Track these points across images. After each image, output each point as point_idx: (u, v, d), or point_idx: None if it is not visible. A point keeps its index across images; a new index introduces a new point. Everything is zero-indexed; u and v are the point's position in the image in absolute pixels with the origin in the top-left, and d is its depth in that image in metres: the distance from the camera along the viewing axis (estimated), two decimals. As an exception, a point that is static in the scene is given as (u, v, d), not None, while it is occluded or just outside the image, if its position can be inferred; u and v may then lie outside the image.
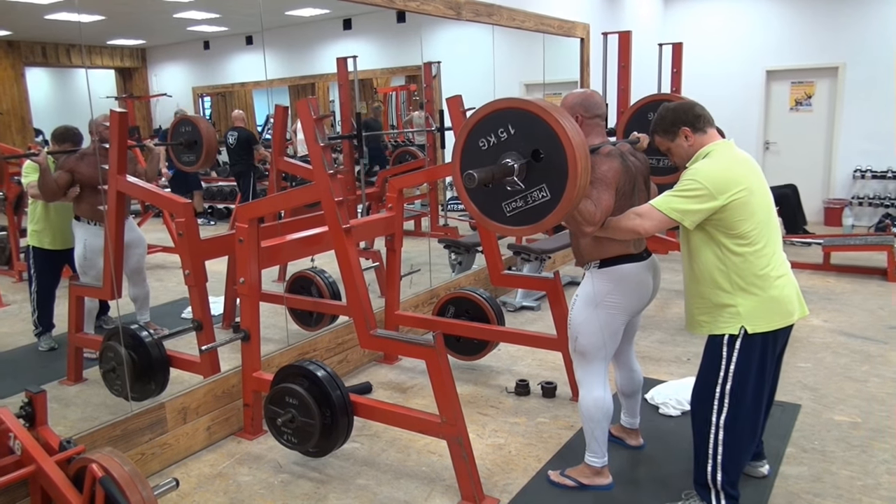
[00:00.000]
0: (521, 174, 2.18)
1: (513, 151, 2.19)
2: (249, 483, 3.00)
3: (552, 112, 2.11)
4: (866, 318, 4.89)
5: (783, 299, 2.41)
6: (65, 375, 3.85)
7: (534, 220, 2.22)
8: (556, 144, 2.10)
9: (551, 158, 2.12)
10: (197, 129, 4.23)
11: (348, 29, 7.09)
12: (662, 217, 2.36)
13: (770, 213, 2.44)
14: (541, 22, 5.99)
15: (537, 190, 2.17)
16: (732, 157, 2.42)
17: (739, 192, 2.31)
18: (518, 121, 2.17)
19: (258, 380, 3.30)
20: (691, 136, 2.46)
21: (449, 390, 2.71)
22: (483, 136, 2.23)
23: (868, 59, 7.84)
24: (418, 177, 4.92)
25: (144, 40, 6.08)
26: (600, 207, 2.41)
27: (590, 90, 2.78)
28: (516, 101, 2.18)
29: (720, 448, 2.45)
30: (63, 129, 4.02)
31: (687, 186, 2.34)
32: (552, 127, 2.10)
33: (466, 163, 2.28)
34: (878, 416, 3.40)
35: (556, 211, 2.16)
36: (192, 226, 3.42)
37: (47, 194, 3.84)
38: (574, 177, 2.09)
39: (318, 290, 4.54)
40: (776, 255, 2.44)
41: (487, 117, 2.22)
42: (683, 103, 2.52)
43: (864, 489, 2.77)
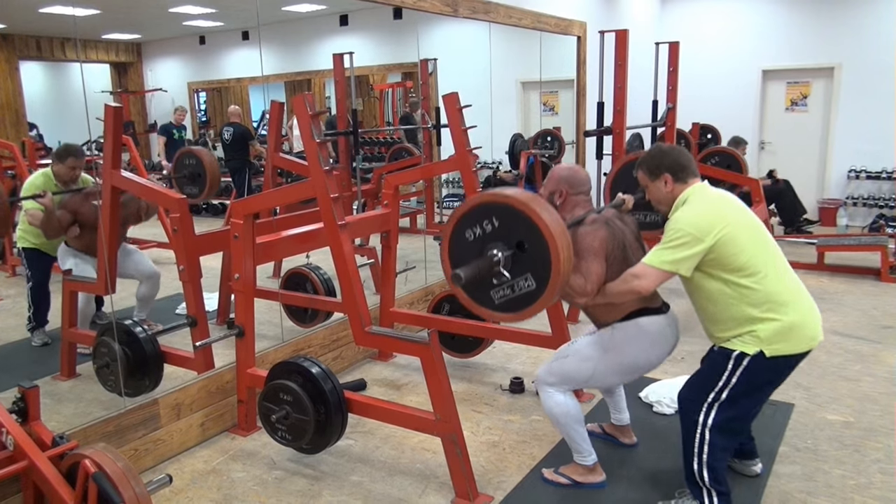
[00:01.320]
0: (507, 265, 2.25)
1: (498, 242, 2.26)
2: (243, 479, 3.00)
3: (533, 206, 2.18)
4: (860, 318, 4.90)
5: (804, 324, 2.41)
6: (58, 371, 3.84)
7: (521, 308, 2.29)
8: (539, 238, 2.18)
9: (534, 250, 2.20)
10: (200, 163, 4.27)
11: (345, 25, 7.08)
12: (658, 272, 2.42)
13: (761, 240, 2.46)
14: (538, 19, 5.99)
15: (523, 279, 2.25)
16: (709, 198, 2.49)
17: (723, 229, 2.36)
18: (501, 214, 2.24)
19: (252, 376, 3.30)
20: (671, 184, 2.53)
21: (443, 387, 2.71)
22: (469, 227, 2.31)
23: (864, 59, 7.86)
24: (414, 174, 4.92)
25: (140, 35, 6.05)
26: (590, 279, 2.48)
27: (576, 166, 2.90)
28: (499, 195, 2.25)
29: (706, 447, 2.46)
30: (63, 146, 4.04)
31: (672, 237, 2.40)
32: (534, 221, 2.18)
33: (454, 252, 2.35)
34: (871, 415, 3.42)
35: (542, 300, 2.24)
36: (186, 221, 3.41)
37: (49, 234, 3.86)
38: (557, 268, 2.17)
39: (313, 286, 4.53)
40: (784, 277, 2.45)
41: (473, 210, 2.30)
42: (673, 150, 2.59)
43: (857, 488, 2.78)
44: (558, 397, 2.73)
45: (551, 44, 6.70)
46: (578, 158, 7.11)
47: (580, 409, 2.77)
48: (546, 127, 7.41)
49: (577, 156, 7.12)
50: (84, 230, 3.96)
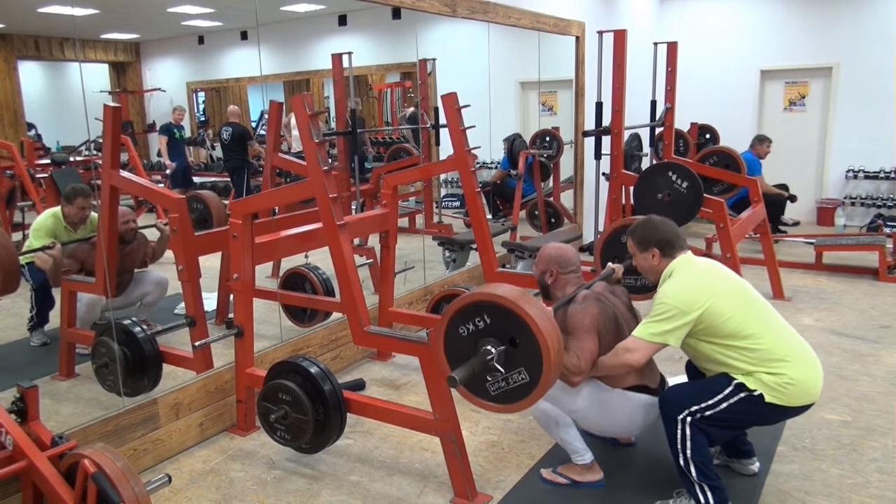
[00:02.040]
0: (501, 360, 2.29)
1: (491, 338, 2.30)
2: (242, 479, 3.00)
3: (522, 305, 2.22)
4: (857, 318, 4.91)
5: (806, 380, 2.45)
6: (57, 371, 3.84)
7: (516, 400, 2.33)
8: (529, 335, 2.22)
9: (526, 345, 2.24)
10: (207, 208, 4.36)
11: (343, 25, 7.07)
12: (648, 344, 2.49)
13: (749, 304, 2.52)
14: (536, 20, 5.99)
15: (516, 373, 2.29)
16: (693, 271, 2.57)
17: (707, 300, 2.44)
18: (492, 312, 2.28)
19: (251, 376, 3.30)
20: (658, 258, 2.63)
21: (442, 388, 2.72)
22: (462, 324, 2.35)
23: (861, 59, 7.87)
24: (413, 174, 4.92)
25: (138, 34, 6.05)
26: (583, 357, 2.54)
27: (565, 246, 2.95)
28: (489, 294, 2.29)
29: (688, 443, 2.48)
30: (71, 188, 4.05)
31: (659, 311, 2.48)
32: (524, 319, 2.22)
33: (449, 347, 2.39)
34: (869, 414, 3.43)
35: (536, 392, 2.27)
36: (185, 221, 3.42)
37: (53, 281, 3.85)
38: (548, 364, 2.21)
39: (312, 286, 4.54)
40: (780, 335, 2.49)
41: (464, 309, 2.34)
42: (664, 225, 2.67)
43: (854, 487, 2.79)
44: (543, 404, 2.76)
45: (550, 44, 6.71)
46: (577, 158, 7.12)
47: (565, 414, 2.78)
48: (545, 127, 7.42)
49: (576, 156, 7.13)
50: (88, 275, 3.97)
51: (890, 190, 8.00)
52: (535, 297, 2.45)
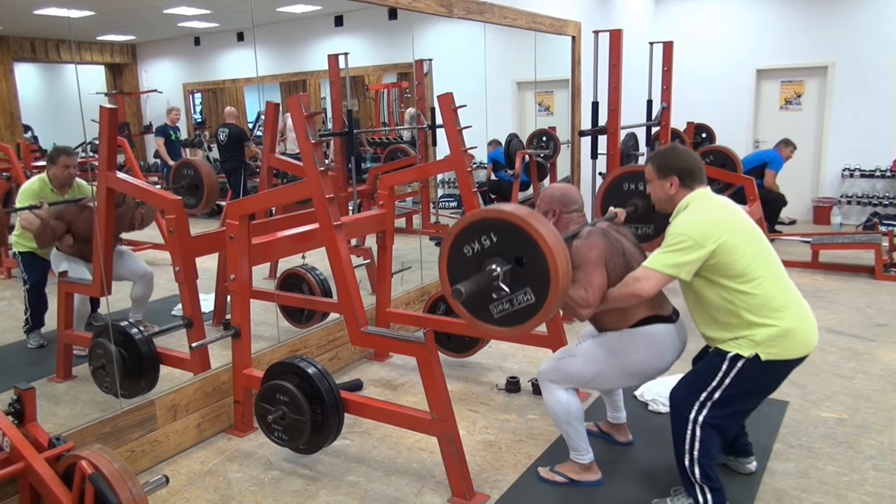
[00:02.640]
0: (506, 279, 2.26)
1: (497, 257, 2.27)
2: (240, 480, 3.00)
3: (531, 221, 2.20)
4: (854, 316, 4.93)
5: (800, 330, 2.44)
6: (54, 372, 3.84)
7: (521, 322, 2.30)
8: (537, 252, 2.19)
9: (533, 264, 2.21)
10: (199, 174, 4.28)
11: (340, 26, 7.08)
12: (659, 275, 2.43)
13: (760, 246, 2.48)
14: (532, 20, 6.00)
15: (522, 293, 2.26)
16: (710, 205, 2.51)
17: (723, 235, 2.39)
18: (499, 230, 2.26)
19: (249, 377, 3.30)
20: (676, 187, 2.55)
21: (439, 387, 2.72)
22: (467, 243, 2.32)
23: (857, 58, 7.89)
24: (409, 174, 4.92)
25: (134, 36, 6.06)
26: (591, 289, 2.50)
27: (567, 185, 2.91)
28: (497, 211, 2.26)
29: (696, 444, 2.47)
30: (54, 148, 4.03)
31: (673, 241, 2.42)
32: (532, 236, 2.19)
33: (453, 268, 2.36)
34: (865, 412, 3.44)
35: (541, 313, 2.25)
36: (182, 222, 3.42)
37: (41, 243, 3.85)
38: (556, 282, 2.18)
39: (309, 287, 4.54)
40: (781, 282, 2.47)
41: (470, 226, 2.31)
42: (687, 154, 2.59)
43: (850, 485, 2.80)
44: (560, 394, 2.73)
45: (546, 44, 6.72)
46: (574, 158, 7.12)
47: (581, 408, 2.78)
48: (542, 127, 7.43)
49: (573, 155, 7.13)
50: (77, 239, 3.97)
51: (886, 188, 8.02)
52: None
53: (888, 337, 4.48)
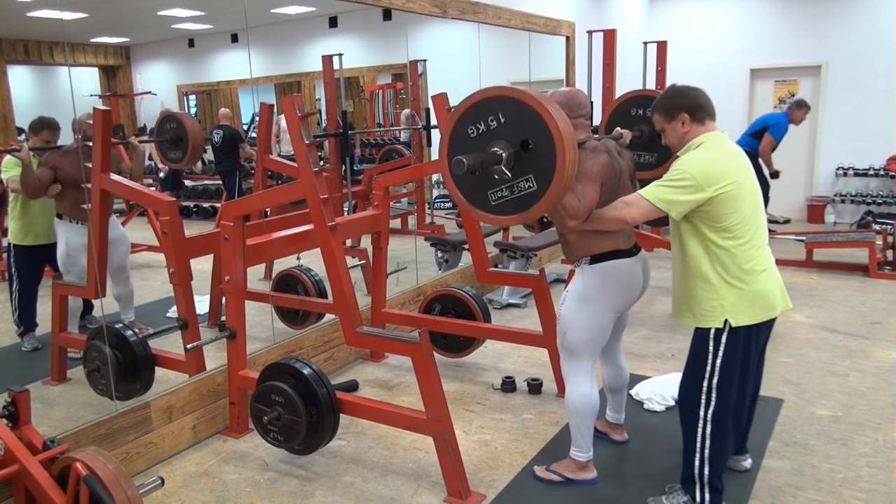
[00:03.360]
0: (509, 164, 2.18)
1: (502, 140, 2.18)
2: (235, 481, 3.00)
3: (544, 103, 2.11)
4: (848, 314, 4.94)
5: (766, 294, 2.43)
6: (49, 375, 3.83)
7: (519, 210, 2.23)
8: (546, 136, 2.10)
9: (540, 150, 2.12)
10: (182, 126, 4.19)
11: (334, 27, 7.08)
12: (649, 206, 2.37)
13: (756, 208, 2.45)
14: (526, 20, 6.01)
15: (524, 180, 2.18)
16: (723, 150, 2.43)
17: (728, 184, 2.32)
18: (509, 110, 2.16)
19: (244, 378, 3.30)
20: (688, 124, 2.45)
21: (435, 387, 2.72)
22: (473, 123, 2.22)
23: (850, 57, 7.92)
24: (404, 174, 4.93)
25: (128, 38, 6.04)
26: (584, 202, 2.44)
27: (574, 89, 2.81)
28: (509, 89, 2.17)
29: (707, 441, 2.47)
30: (38, 118, 3.99)
31: (676, 177, 2.35)
32: (543, 118, 2.09)
33: (455, 149, 2.27)
34: (859, 410, 3.45)
35: (542, 202, 2.17)
36: (176, 224, 3.41)
37: (30, 191, 3.82)
38: (562, 169, 2.10)
39: (305, 288, 4.54)
40: (761, 249, 2.46)
41: (479, 104, 2.21)
42: (691, 90, 2.51)
43: (845, 482, 2.81)
44: (584, 388, 2.72)
45: (540, 44, 6.73)
46: (568, 158, 7.13)
47: (598, 406, 2.77)
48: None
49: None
50: (66, 187, 3.92)
51: (879, 187, 8.05)
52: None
53: (882, 335, 4.50)
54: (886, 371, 3.91)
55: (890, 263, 5.95)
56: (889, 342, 4.36)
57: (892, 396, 3.58)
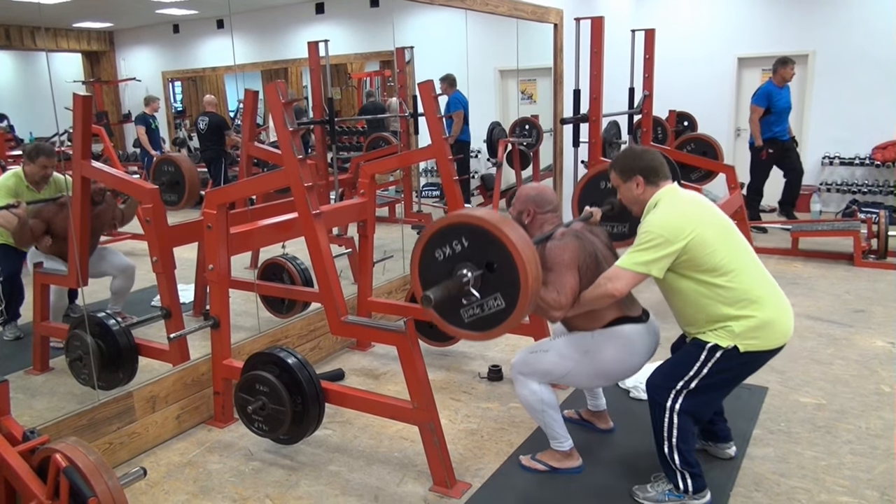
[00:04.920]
0: (477, 284, 2.27)
1: (467, 262, 2.27)
2: (220, 471, 2.98)
3: (502, 227, 2.20)
4: (832, 303, 4.97)
5: (778, 320, 2.46)
6: (31, 365, 3.79)
7: (491, 327, 2.31)
8: (508, 258, 2.19)
9: (504, 270, 2.22)
10: (179, 170, 4.23)
11: (321, 13, 7.02)
12: (631, 274, 2.44)
13: (733, 239, 2.50)
14: (514, 7, 5.97)
15: (492, 299, 2.27)
16: (679, 200, 2.53)
17: (693, 230, 2.40)
18: (470, 234, 2.26)
19: (228, 367, 3.27)
20: (642, 186, 2.57)
21: (420, 376, 2.71)
22: (439, 247, 2.32)
23: (837, 47, 7.93)
24: (391, 162, 4.89)
25: (112, 23, 5.95)
26: (564, 291, 2.50)
27: (542, 185, 2.94)
28: (468, 216, 2.27)
29: (675, 431, 2.49)
30: (34, 145, 3.95)
31: (644, 239, 2.43)
32: (502, 241, 2.19)
33: (425, 272, 2.38)
34: (843, 397, 3.47)
35: (511, 318, 2.26)
36: (159, 212, 3.37)
37: (20, 242, 3.79)
38: (525, 289, 2.19)
39: (290, 276, 4.51)
40: (756, 273, 2.49)
41: (443, 230, 2.31)
42: (646, 153, 2.62)
43: (828, 469, 2.83)
44: (532, 385, 2.74)
45: (528, 32, 6.69)
46: (556, 146, 7.12)
47: (554, 397, 2.78)
48: (524, 115, 7.41)
49: (555, 143, 7.13)
50: (56, 239, 3.89)
51: (865, 176, 8.09)
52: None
53: (866, 323, 4.53)
54: (870, 359, 3.94)
55: (874, 252, 5.99)
56: (873, 330, 4.39)
57: (875, 384, 3.61)
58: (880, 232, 5.94)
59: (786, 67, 6.94)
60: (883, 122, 7.69)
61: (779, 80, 6.99)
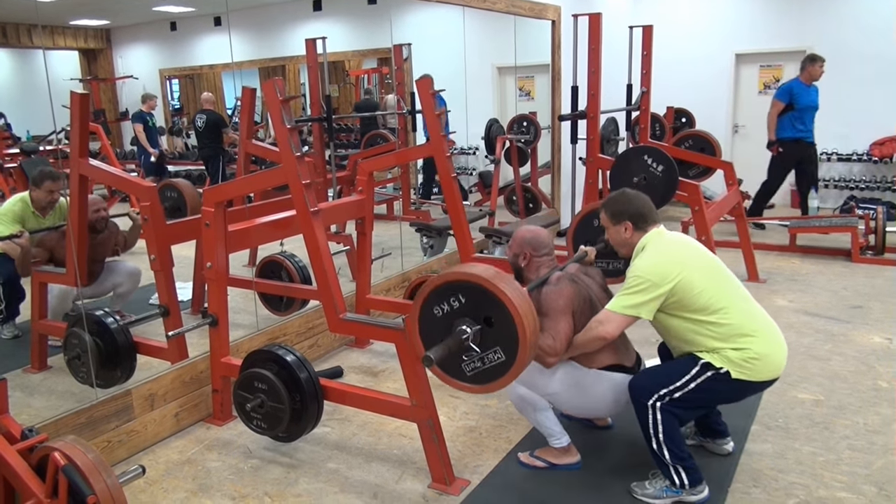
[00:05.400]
0: (476, 339, 2.28)
1: (466, 318, 2.29)
2: (219, 469, 2.98)
3: (497, 283, 2.21)
4: (830, 299, 4.98)
5: (771, 354, 2.50)
6: (29, 363, 3.79)
7: (493, 379, 2.32)
8: (505, 313, 2.21)
9: (502, 324, 2.24)
10: (182, 196, 4.30)
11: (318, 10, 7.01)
12: (620, 317, 2.50)
13: (720, 277, 2.55)
14: (512, 4, 5.96)
15: (492, 352, 2.29)
16: (665, 243, 2.60)
17: (679, 273, 2.46)
18: (467, 292, 2.28)
19: (227, 365, 3.27)
20: (630, 231, 2.63)
21: (419, 373, 2.72)
22: (437, 304, 2.34)
23: (834, 43, 7.92)
24: (388, 159, 4.89)
25: (109, 20, 5.94)
26: (559, 338, 2.55)
27: (537, 228, 2.94)
28: (464, 274, 2.28)
29: (660, 427, 2.51)
30: (39, 171, 3.98)
31: (631, 283, 2.49)
32: (499, 298, 2.21)
33: (424, 328, 2.39)
34: (841, 393, 3.48)
35: (512, 371, 2.27)
36: (157, 210, 3.37)
37: (23, 271, 3.80)
38: (524, 342, 2.21)
39: (289, 274, 4.50)
40: (747, 308, 2.54)
41: (439, 288, 2.32)
42: (637, 198, 2.68)
43: (826, 465, 2.83)
44: (520, 389, 2.78)
45: (526, 28, 6.69)
46: (554, 143, 7.12)
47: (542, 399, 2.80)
48: (522, 112, 7.41)
49: (553, 140, 7.13)
50: (57, 265, 3.90)
51: (863, 172, 8.10)
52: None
53: (864, 319, 4.54)
54: (867, 355, 3.94)
55: (872, 248, 5.99)
56: (870, 326, 4.40)
57: (872, 380, 3.61)
58: (878, 228, 5.95)
59: (815, 65, 6.65)
60: (880, 117, 7.71)
61: (806, 77, 6.71)
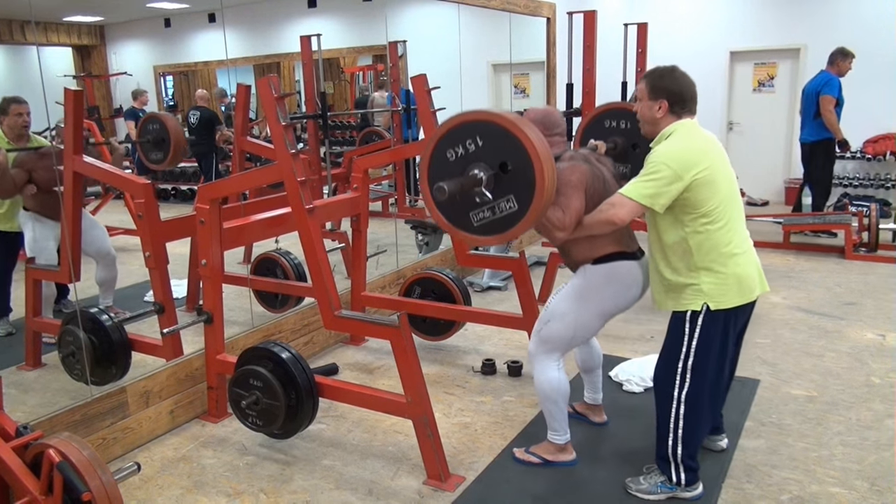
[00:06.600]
0: (489, 185, 2.21)
1: (480, 163, 2.21)
2: (214, 466, 2.98)
3: (520, 125, 2.13)
4: (824, 295, 5.00)
5: (745, 276, 2.45)
6: (23, 360, 3.78)
7: (502, 230, 2.26)
8: (524, 157, 2.12)
9: (518, 170, 2.16)
10: (165, 128, 4.21)
11: (313, 7, 7.00)
12: (634, 204, 2.39)
13: (733, 191, 2.48)
14: (507, 1, 5.96)
15: (504, 201, 2.22)
16: (694, 136, 2.44)
17: (703, 169, 2.34)
18: (486, 133, 2.19)
19: (222, 362, 3.27)
20: (664, 111, 2.44)
21: (414, 370, 2.72)
22: (451, 146, 2.24)
23: (828, 41, 7.92)
24: (383, 157, 4.89)
25: (102, 17, 5.93)
26: (569, 212, 2.47)
27: (550, 107, 2.88)
28: (484, 113, 2.20)
29: (681, 422, 2.50)
30: (2, 99, 3.95)
31: (652, 170, 2.36)
32: (520, 140, 2.12)
33: (434, 173, 2.30)
34: (834, 389, 3.50)
35: (524, 221, 2.21)
36: (151, 207, 3.36)
37: (3, 192, 3.79)
38: (541, 188, 2.13)
39: (284, 271, 4.50)
40: (738, 232, 2.48)
41: (456, 129, 2.24)
42: (685, 80, 2.47)
43: (819, 460, 2.85)
44: (552, 373, 2.74)
45: (521, 25, 6.69)
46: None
47: (569, 389, 2.79)
48: (517, 109, 7.41)
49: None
50: (40, 189, 3.90)
51: (856, 170, 8.13)
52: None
53: (857, 315, 4.56)
54: (860, 351, 3.96)
55: (865, 245, 6.02)
56: (863, 323, 4.42)
57: (865, 376, 3.63)
58: (871, 225, 5.97)
59: (846, 60, 6.49)
60: (874, 115, 7.74)
61: (836, 71, 6.59)
